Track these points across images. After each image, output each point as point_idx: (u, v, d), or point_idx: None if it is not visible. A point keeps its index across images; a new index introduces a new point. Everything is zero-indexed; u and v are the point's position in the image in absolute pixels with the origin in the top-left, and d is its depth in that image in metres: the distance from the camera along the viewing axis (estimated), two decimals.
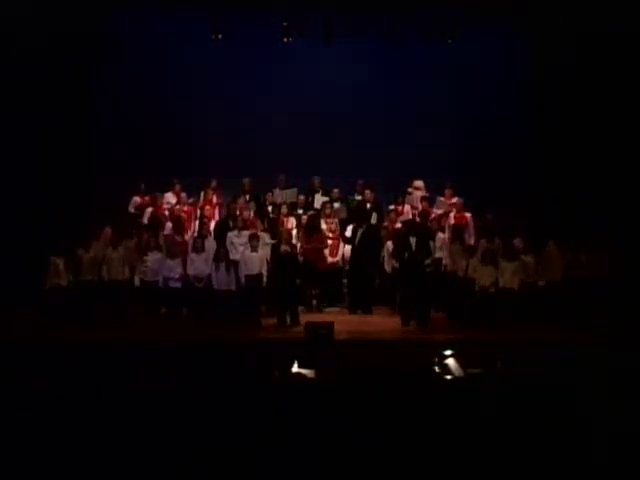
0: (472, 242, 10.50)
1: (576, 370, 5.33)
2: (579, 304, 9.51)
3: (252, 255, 9.78)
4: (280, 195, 11.42)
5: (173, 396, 4.62)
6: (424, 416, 4.35)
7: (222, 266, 9.75)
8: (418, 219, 10.86)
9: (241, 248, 9.96)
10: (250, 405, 4.43)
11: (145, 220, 10.97)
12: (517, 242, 10.17)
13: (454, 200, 11.16)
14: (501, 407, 4.44)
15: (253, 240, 9.88)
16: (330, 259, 10.64)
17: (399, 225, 10.71)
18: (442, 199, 11.30)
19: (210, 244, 10.20)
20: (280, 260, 9.79)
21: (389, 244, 10.42)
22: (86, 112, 12.09)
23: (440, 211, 11.18)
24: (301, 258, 10.28)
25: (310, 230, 10.67)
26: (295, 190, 11.51)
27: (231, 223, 10.50)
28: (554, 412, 4.35)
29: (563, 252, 10.01)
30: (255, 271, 9.73)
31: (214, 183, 11.38)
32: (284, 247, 9.88)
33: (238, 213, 10.67)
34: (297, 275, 9.82)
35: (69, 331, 8.91)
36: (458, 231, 10.50)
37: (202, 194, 11.41)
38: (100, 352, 7.42)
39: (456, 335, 8.78)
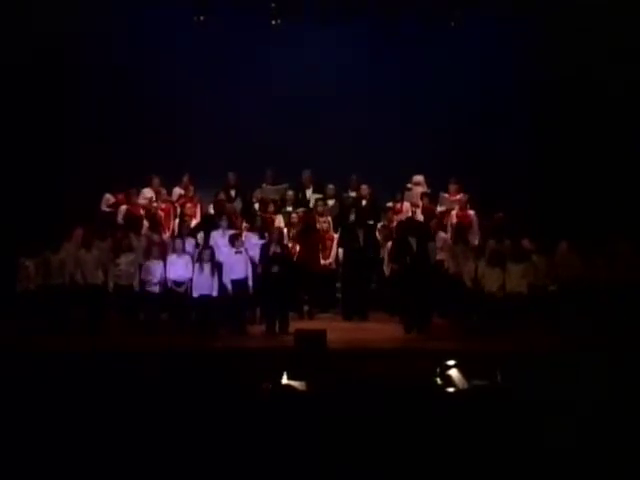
0: (476, 242, 10.48)
1: (588, 383, 5.31)
2: (595, 310, 9.46)
3: (236, 257, 9.68)
4: (264, 192, 11.36)
5: (151, 409, 4.58)
6: (424, 432, 4.32)
7: (206, 268, 9.67)
8: (421, 217, 10.85)
9: (225, 249, 9.84)
10: (235, 419, 4.40)
11: (120, 219, 10.88)
12: (525, 242, 10.15)
13: (459, 196, 11.14)
14: (507, 423, 4.42)
15: (236, 241, 9.79)
16: (322, 261, 10.63)
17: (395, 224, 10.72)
18: (446, 195, 11.25)
19: (191, 245, 10.13)
20: (271, 262, 9.73)
21: (389, 245, 10.40)
22: (56, 107, 11.87)
23: (443, 208, 11.14)
24: (294, 259, 10.23)
25: (306, 229, 10.62)
26: (279, 187, 11.44)
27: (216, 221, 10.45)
28: (562, 430, 4.34)
29: (578, 253, 9.94)
30: (241, 275, 9.64)
31: (186, 178, 11.31)
32: (275, 248, 9.82)
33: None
34: (289, 278, 9.78)
35: (39, 338, 8.86)
36: (461, 231, 10.46)
37: (176, 190, 11.34)
38: (72, 361, 7.38)
39: (459, 344, 8.75)
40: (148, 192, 11.21)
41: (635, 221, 10.39)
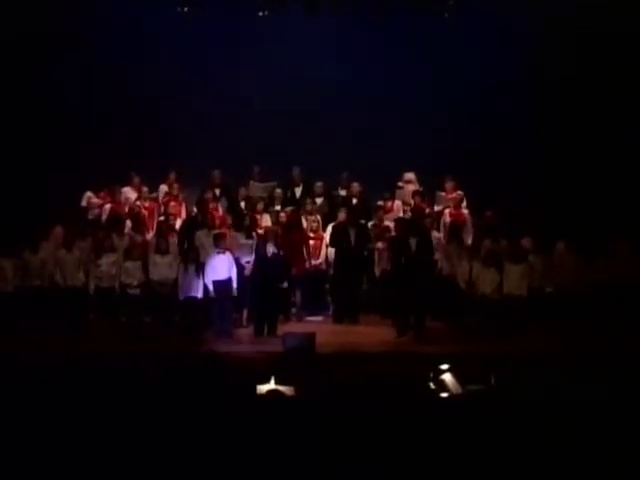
0: (470, 242, 10.40)
1: (586, 388, 5.29)
2: (594, 311, 9.42)
3: (220, 258, 9.58)
4: (251, 189, 11.28)
5: (131, 417, 4.52)
6: (416, 438, 4.27)
7: (192, 269, 9.56)
8: (410, 216, 10.78)
9: (211, 249, 9.79)
10: (221, 426, 4.35)
11: (104, 218, 10.77)
12: (525, 242, 10.11)
13: (455, 194, 11.03)
14: (502, 429, 4.38)
15: (219, 240, 9.69)
16: (312, 261, 10.52)
17: (387, 223, 10.62)
18: (442, 194, 11.16)
19: (175, 245, 10.05)
20: (265, 262, 9.64)
21: (380, 245, 10.32)
22: (36, 102, 11.79)
23: (440, 207, 11.05)
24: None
25: (289, 229, 10.53)
26: (267, 185, 11.35)
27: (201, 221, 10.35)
28: (559, 438, 4.30)
29: (575, 254, 9.91)
30: (224, 276, 9.54)
31: (173, 175, 11.21)
32: (272, 249, 9.72)
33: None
34: (283, 279, 9.72)
35: (16, 342, 8.75)
36: (455, 230, 10.40)
37: (162, 188, 11.26)
38: (51, 367, 7.30)
39: (453, 347, 8.71)
40: (129, 191, 11.12)
41: (635, 221, 10.39)
